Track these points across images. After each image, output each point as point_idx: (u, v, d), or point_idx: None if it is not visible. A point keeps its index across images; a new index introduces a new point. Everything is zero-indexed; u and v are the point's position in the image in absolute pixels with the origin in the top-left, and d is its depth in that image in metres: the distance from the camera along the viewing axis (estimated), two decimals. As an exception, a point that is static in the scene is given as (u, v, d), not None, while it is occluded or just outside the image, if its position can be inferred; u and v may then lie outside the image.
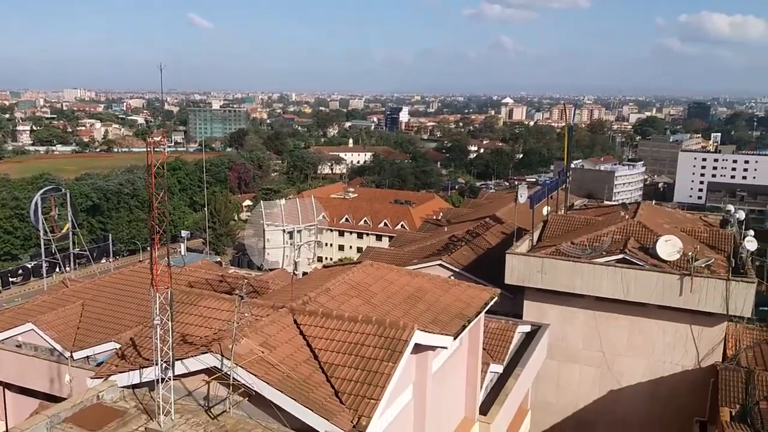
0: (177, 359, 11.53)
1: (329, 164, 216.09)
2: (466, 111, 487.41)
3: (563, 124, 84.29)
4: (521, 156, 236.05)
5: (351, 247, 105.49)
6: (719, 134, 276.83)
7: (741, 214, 31.94)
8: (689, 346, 25.64)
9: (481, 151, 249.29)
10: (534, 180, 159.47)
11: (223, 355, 11.08)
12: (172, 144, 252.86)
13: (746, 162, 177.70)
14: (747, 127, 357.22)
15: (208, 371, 11.38)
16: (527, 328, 23.20)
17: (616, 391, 27.39)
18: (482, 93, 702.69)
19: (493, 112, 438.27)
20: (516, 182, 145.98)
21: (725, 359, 24.22)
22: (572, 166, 51.96)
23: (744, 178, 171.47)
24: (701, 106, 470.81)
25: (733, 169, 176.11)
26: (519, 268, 27.80)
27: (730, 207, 34.89)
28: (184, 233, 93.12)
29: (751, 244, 27.05)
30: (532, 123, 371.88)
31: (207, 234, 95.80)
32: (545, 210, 34.81)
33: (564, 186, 38.49)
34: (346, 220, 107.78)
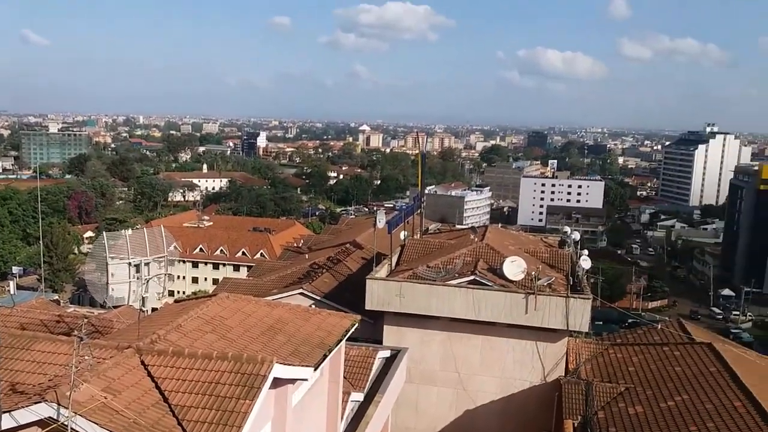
0: (5, 411, 10.27)
1: (181, 191, 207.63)
2: (325, 137, 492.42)
3: (417, 151, 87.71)
4: (379, 182, 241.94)
5: (206, 279, 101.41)
6: (555, 161, 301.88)
7: (576, 235, 34.66)
8: (536, 362, 27.23)
9: (341, 177, 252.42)
10: (391, 205, 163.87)
11: (59, 404, 10.03)
12: (1, 171, 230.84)
13: (579, 186, 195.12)
14: (579, 154, 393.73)
15: (43, 422, 10.25)
16: (387, 353, 23.42)
17: (472, 410, 28.30)
18: (340, 120, 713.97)
19: (351, 139, 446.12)
20: (375, 208, 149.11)
21: (567, 373, 25.93)
22: (426, 191, 53.98)
23: (578, 201, 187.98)
24: (539, 135, 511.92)
25: (569, 193, 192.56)
26: (379, 293, 28.10)
27: (567, 228, 37.73)
28: (15, 269, 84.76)
29: (586, 262, 29.39)
30: (388, 150, 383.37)
31: (42, 270, 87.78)
32: (402, 235, 35.68)
33: (419, 211, 39.78)
34: (201, 250, 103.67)
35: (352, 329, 16.87)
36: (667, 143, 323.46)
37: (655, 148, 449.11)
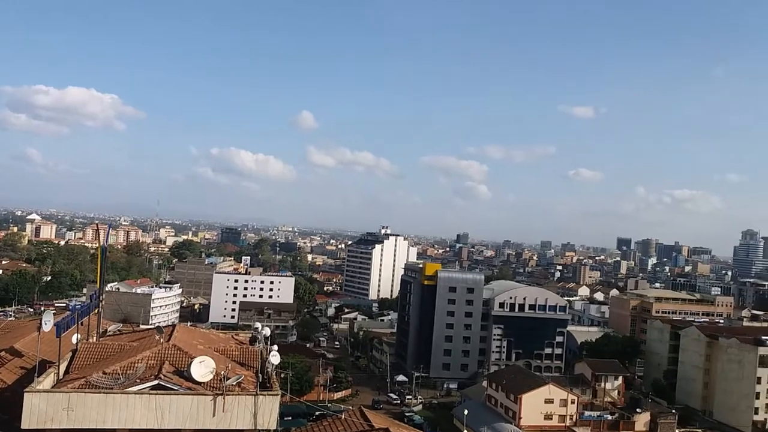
0: None
1: None
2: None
3: (98, 244, 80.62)
4: (49, 278, 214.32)
5: None
6: (249, 257, 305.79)
7: (267, 331, 34.88)
8: (223, 468, 25.81)
9: (0, 272, 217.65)
10: (64, 305, 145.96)
11: None
12: None
13: (271, 282, 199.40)
14: (271, 251, 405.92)
15: None
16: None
17: None
18: (2, 207, 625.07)
19: (15, 229, 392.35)
20: (42, 308, 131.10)
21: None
22: (107, 288, 49.46)
23: (270, 296, 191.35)
24: (233, 232, 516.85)
25: (261, 288, 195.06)
26: (40, 408, 24.08)
27: (258, 324, 37.83)
28: None
29: (275, 358, 29.50)
30: (63, 242, 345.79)
31: None
32: (75, 338, 31.64)
33: (97, 310, 35.94)
34: None
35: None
36: (350, 242, 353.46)
37: (339, 246, 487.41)
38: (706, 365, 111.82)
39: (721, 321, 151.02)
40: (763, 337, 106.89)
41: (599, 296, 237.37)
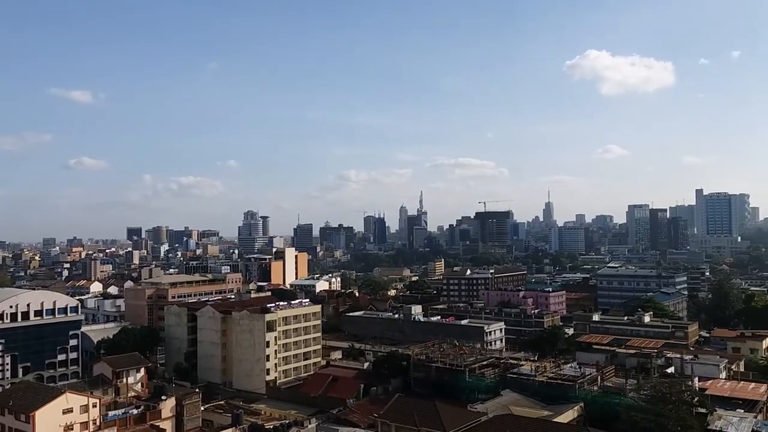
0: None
1: None
2: None
3: None
4: None
5: None
6: None
7: None
8: None
9: None
10: None
11: None
12: None
13: None
14: None
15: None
16: None
17: None
18: None
19: None
20: None
21: None
22: None
23: None
24: None
25: None
26: None
27: None
28: None
29: None
30: None
31: None
32: None
33: None
34: None
35: None
36: None
37: None
38: (223, 340, 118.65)
39: (233, 296, 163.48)
40: (269, 305, 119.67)
41: (113, 290, 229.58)
